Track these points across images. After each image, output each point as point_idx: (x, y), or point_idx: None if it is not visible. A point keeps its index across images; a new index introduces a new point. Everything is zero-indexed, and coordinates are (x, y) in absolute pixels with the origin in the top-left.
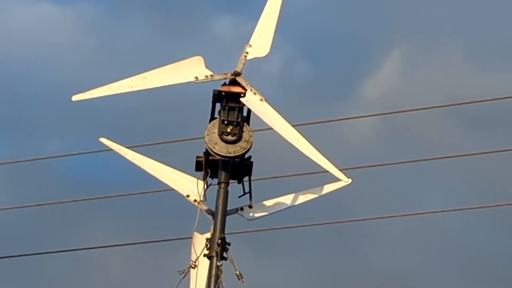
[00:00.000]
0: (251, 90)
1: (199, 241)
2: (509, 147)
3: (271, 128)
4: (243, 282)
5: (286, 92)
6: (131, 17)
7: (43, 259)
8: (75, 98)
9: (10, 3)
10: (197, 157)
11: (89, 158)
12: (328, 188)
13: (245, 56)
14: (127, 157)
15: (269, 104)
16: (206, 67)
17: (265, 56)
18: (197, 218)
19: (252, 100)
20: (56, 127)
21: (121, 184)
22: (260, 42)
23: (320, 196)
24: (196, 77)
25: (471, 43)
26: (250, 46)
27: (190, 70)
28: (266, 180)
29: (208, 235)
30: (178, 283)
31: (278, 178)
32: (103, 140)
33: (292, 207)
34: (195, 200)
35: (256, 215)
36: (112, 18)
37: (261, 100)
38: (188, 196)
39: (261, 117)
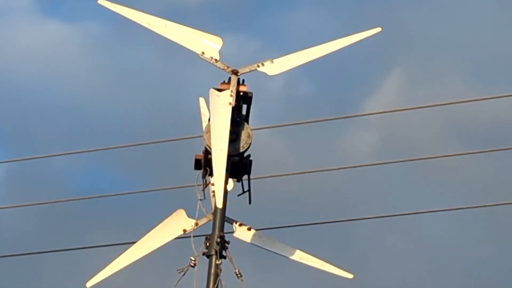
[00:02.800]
0: (231, 92)
1: (181, 219)
2: (508, 164)
3: (271, 127)
4: (242, 280)
5: (289, 110)
6: (137, 37)
7: (45, 260)
8: None
9: (19, 22)
10: (196, 155)
11: (91, 173)
12: (327, 267)
13: (258, 66)
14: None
15: (231, 113)
16: (220, 55)
17: (271, 76)
18: (196, 213)
19: (221, 99)
20: (62, 143)
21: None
22: (281, 65)
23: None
24: (203, 52)
25: (470, 62)
26: (272, 62)
27: (205, 46)
28: (266, 179)
29: (192, 221)
30: (177, 282)
31: (278, 176)
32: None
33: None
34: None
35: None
36: (118, 38)
37: (230, 104)
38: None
39: (211, 115)
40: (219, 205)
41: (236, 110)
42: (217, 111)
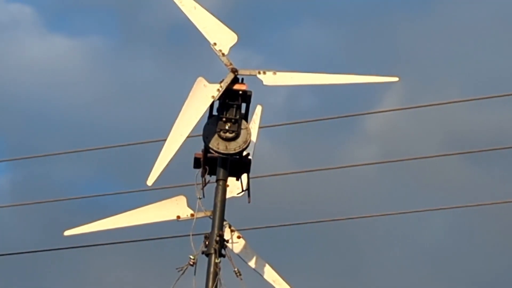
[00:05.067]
0: (220, 87)
1: (179, 205)
2: (507, 180)
3: (270, 126)
4: (241, 279)
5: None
6: (141, 51)
7: (44, 259)
8: None
9: (24, 36)
10: (196, 154)
11: (94, 184)
12: None
13: (259, 72)
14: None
15: (211, 105)
16: (230, 51)
17: (265, 85)
18: (196, 211)
19: (207, 89)
20: (66, 155)
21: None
22: (282, 79)
23: None
24: (215, 43)
25: (470, 78)
26: (274, 73)
27: (219, 38)
28: (265, 178)
29: (189, 211)
30: (177, 281)
31: (276, 175)
32: None
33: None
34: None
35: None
36: (122, 52)
37: (213, 97)
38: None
39: (188, 99)
40: (149, 183)
41: (235, 108)
42: (196, 99)
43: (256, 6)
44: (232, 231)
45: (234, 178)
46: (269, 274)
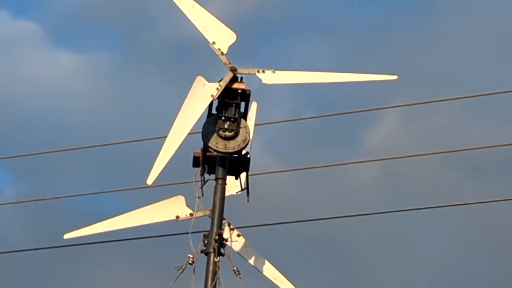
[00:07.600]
0: (219, 86)
1: (178, 205)
2: (506, 194)
3: (269, 123)
4: (240, 278)
5: (293, 138)
6: (145, 67)
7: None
8: None
9: (30, 52)
10: (195, 152)
11: (97, 196)
12: None
13: (258, 71)
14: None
15: (210, 104)
16: (228, 50)
17: (264, 83)
18: (195, 210)
19: (206, 88)
20: (69, 168)
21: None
22: (281, 77)
23: None
24: (214, 42)
25: (469, 93)
26: (273, 72)
27: (218, 37)
28: (264, 176)
29: (188, 210)
30: (176, 279)
31: (276, 173)
32: None
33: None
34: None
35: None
36: (127, 67)
37: (212, 96)
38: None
39: (188, 98)
40: (149, 181)
41: (234, 107)
42: (195, 97)
43: (258, 23)
44: (231, 229)
45: (233, 177)
46: (270, 271)
